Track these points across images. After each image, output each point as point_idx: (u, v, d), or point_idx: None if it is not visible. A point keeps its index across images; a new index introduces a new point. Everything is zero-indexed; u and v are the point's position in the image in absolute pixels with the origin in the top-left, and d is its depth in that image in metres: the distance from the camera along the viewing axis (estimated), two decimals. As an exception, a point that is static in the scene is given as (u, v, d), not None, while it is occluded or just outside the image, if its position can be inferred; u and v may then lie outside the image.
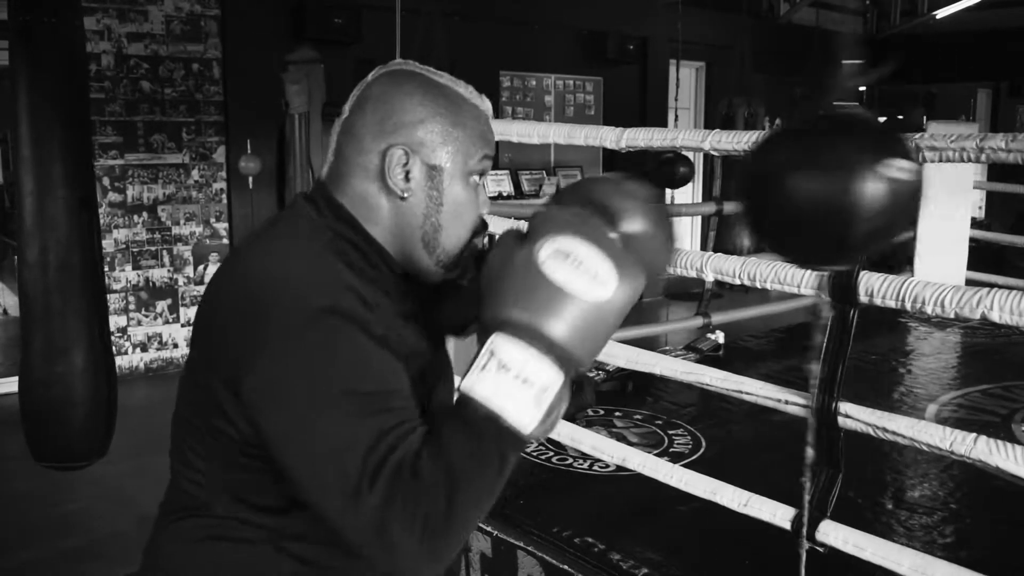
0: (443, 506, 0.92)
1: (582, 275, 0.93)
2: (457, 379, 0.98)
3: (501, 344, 0.93)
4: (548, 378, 0.93)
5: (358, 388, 0.98)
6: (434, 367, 1.20)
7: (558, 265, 0.93)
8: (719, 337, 3.96)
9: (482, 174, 1.17)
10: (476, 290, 1.10)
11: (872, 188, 1.03)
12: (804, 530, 1.75)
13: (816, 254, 1.16)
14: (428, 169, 1.11)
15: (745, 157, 1.20)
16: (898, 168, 1.04)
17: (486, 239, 1.28)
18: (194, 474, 1.13)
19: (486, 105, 1.17)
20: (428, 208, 1.12)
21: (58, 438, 3.11)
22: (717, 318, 4.21)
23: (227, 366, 1.02)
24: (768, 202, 1.11)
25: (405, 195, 1.11)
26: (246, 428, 1.04)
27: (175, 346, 6.39)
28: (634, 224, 1.03)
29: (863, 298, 1.64)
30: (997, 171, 8.59)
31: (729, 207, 4.73)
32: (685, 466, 2.16)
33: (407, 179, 1.11)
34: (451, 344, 1.39)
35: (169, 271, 6.39)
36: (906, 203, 1.06)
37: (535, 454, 2.62)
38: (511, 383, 0.92)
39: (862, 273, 1.64)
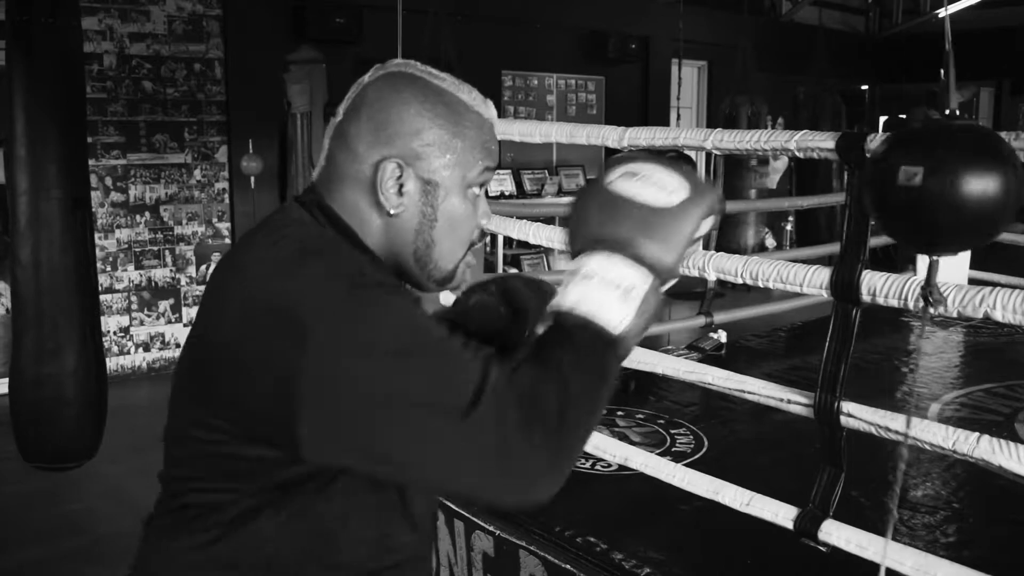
0: (554, 406, 0.90)
1: (649, 187, 0.97)
2: None
3: (580, 262, 0.97)
4: (632, 278, 0.95)
5: (421, 335, 0.94)
6: None
7: (626, 183, 0.98)
8: (721, 336, 3.96)
9: (482, 186, 1.11)
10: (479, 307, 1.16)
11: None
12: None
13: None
14: (423, 183, 1.06)
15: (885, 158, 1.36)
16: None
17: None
18: (199, 495, 1.06)
19: (490, 112, 1.12)
20: (421, 224, 1.07)
21: (47, 439, 3.11)
22: (719, 317, 4.21)
23: (269, 384, 0.94)
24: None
25: (395, 211, 1.06)
26: (282, 449, 0.96)
27: (178, 346, 6.39)
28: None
29: (866, 297, 1.64)
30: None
31: (732, 206, 4.72)
32: (687, 465, 2.15)
33: (400, 193, 1.06)
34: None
35: (171, 271, 6.39)
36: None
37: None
38: (596, 288, 0.95)
39: (865, 272, 1.64)
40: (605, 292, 0.95)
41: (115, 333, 6.10)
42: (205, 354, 1.03)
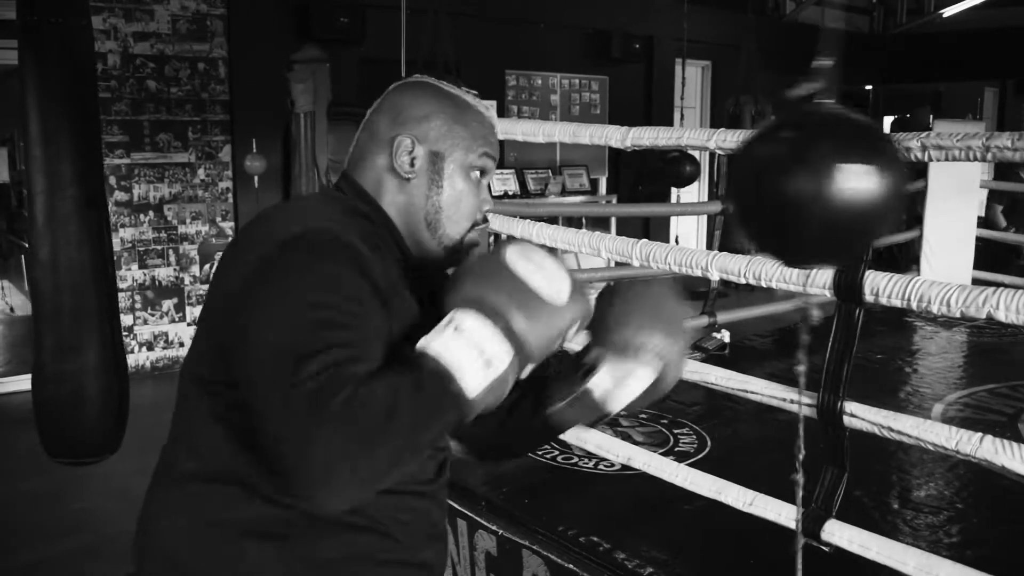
0: (371, 430, 0.92)
1: (542, 276, 1.05)
2: None
3: (462, 315, 1.02)
4: (499, 352, 1.00)
5: (330, 303, 1.03)
6: None
7: (522, 263, 1.05)
8: (725, 336, 3.95)
9: (484, 171, 1.28)
10: None
11: (855, 187, 0.99)
12: (801, 527, 1.75)
13: (802, 254, 1.14)
14: (431, 155, 1.24)
15: (735, 154, 1.20)
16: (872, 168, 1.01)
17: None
18: (196, 448, 1.19)
19: (491, 114, 1.30)
20: (430, 189, 1.24)
21: (70, 435, 3.14)
22: (722, 317, 4.21)
23: (233, 286, 1.11)
24: (760, 202, 1.07)
25: (408, 176, 1.24)
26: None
27: (181, 345, 6.40)
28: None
29: (869, 297, 1.64)
30: (1003, 170, 8.56)
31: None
32: (690, 465, 2.16)
33: (412, 164, 1.24)
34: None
35: (175, 270, 6.40)
36: (886, 202, 1.01)
37: (540, 453, 2.63)
38: (464, 346, 0.99)
39: (868, 272, 1.64)
40: (470, 353, 0.98)
41: (119, 332, 6.11)
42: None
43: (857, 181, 0.98)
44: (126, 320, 6.16)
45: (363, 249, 1.11)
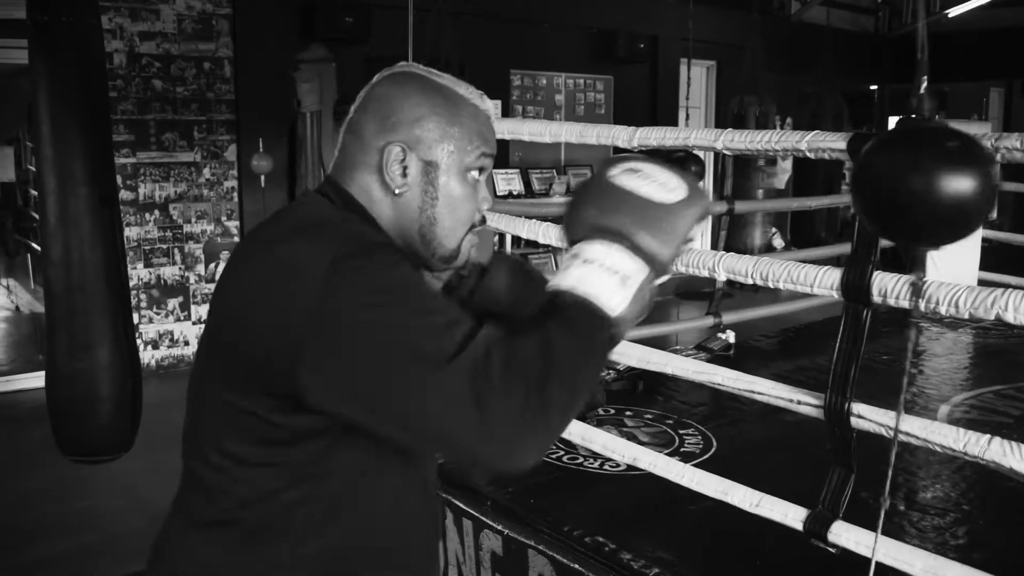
0: (538, 371, 0.92)
1: (651, 183, 1.01)
2: None
3: (585, 246, 1.00)
4: (632, 269, 0.99)
5: (405, 289, 1.01)
6: None
7: (628, 177, 1.02)
8: (730, 337, 3.95)
9: (481, 171, 1.20)
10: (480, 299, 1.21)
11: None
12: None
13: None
14: (424, 165, 1.15)
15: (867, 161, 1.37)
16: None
17: (496, 236, 1.33)
18: (228, 477, 1.11)
19: (486, 105, 1.21)
20: (424, 202, 1.16)
21: (85, 433, 3.15)
22: (728, 318, 4.20)
23: (281, 345, 1.00)
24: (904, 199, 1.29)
25: (400, 191, 1.15)
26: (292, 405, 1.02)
27: (186, 343, 6.42)
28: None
29: (876, 298, 1.63)
30: (1010, 171, 8.54)
31: (740, 206, 4.71)
32: (696, 466, 2.16)
33: (404, 175, 1.15)
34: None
35: (180, 269, 6.41)
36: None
37: (545, 453, 2.62)
38: (596, 272, 0.98)
39: (875, 273, 1.64)
40: (604, 277, 0.98)
41: (124, 331, 6.13)
42: (220, 319, 1.13)
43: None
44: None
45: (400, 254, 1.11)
